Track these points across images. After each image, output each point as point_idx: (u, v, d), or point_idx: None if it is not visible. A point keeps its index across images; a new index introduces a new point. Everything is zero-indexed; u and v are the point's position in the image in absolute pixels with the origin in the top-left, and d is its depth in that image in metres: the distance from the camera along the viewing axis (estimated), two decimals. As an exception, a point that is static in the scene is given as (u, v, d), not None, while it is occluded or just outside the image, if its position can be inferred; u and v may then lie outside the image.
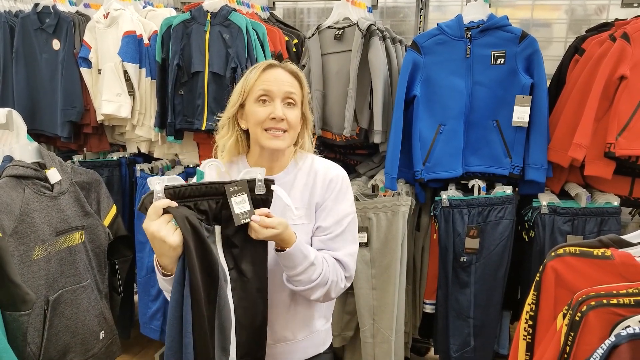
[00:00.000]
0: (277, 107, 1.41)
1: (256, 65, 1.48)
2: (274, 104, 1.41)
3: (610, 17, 2.61)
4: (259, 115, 1.42)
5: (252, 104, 1.44)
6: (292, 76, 1.46)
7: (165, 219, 1.19)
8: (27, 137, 1.76)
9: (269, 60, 1.50)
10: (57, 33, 2.70)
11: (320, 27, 2.47)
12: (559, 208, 2.16)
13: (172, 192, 1.22)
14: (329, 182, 1.49)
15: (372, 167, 2.73)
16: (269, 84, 1.42)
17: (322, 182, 1.49)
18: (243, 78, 1.47)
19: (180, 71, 2.45)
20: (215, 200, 1.27)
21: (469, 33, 2.25)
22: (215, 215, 1.29)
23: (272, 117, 1.40)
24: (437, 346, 2.49)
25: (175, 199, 1.22)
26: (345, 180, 1.52)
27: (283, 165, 1.51)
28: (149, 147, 2.84)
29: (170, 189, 1.22)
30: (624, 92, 2.03)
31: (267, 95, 1.42)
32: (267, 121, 1.41)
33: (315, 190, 1.48)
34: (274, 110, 1.40)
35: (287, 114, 1.42)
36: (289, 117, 1.43)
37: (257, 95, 1.42)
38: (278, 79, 1.43)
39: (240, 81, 1.48)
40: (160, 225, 1.18)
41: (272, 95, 1.42)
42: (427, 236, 2.57)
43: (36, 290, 1.55)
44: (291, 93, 1.43)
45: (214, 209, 1.28)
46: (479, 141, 2.33)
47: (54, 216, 1.65)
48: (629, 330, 0.98)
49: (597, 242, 1.27)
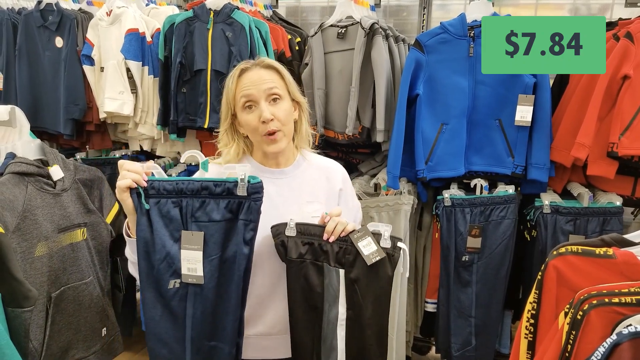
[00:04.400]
0: (263, 109, 1.40)
1: (231, 73, 1.46)
2: (259, 107, 1.41)
3: (614, 16, 2.61)
4: (251, 123, 1.42)
5: (240, 112, 1.44)
6: (269, 70, 1.45)
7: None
8: (29, 134, 1.77)
9: (241, 64, 1.47)
10: (60, 30, 2.70)
11: (323, 26, 2.47)
12: (561, 208, 2.16)
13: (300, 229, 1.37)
14: (342, 183, 1.58)
15: (375, 165, 2.73)
16: (248, 89, 1.41)
17: (334, 180, 1.56)
18: (225, 89, 1.47)
19: (183, 69, 2.45)
20: (338, 245, 1.38)
21: (472, 32, 2.24)
22: (339, 260, 1.38)
23: (262, 121, 1.40)
24: (438, 345, 2.49)
25: (301, 235, 1.37)
26: (349, 177, 1.64)
27: (289, 157, 1.53)
28: (152, 145, 2.84)
29: (301, 225, 1.38)
30: (627, 92, 2.03)
31: (250, 101, 1.42)
32: (260, 127, 1.41)
33: (328, 184, 1.55)
34: (261, 114, 1.40)
35: (275, 112, 1.41)
36: (278, 114, 1.42)
37: (242, 104, 1.43)
38: (255, 81, 1.42)
39: (224, 92, 1.47)
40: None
41: (255, 98, 1.41)
42: (429, 235, 2.57)
43: (38, 287, 1.55)
44: (272, 88, 1.42)
45: (337, 252, 1.37)
46: (482, 140, 2.32)
47: (56, 213, 1.65)
48: (631, 329, 0.98)
49: (600, 241, 1.27)
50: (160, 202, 1.28)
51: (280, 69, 1.47)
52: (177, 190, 1.28)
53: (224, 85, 1.48)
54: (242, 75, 1.44)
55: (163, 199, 1.28)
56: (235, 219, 1.30)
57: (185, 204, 1.29)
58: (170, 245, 1.29)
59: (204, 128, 2.45)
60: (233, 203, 1.29)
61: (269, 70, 1.45)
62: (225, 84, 1.47)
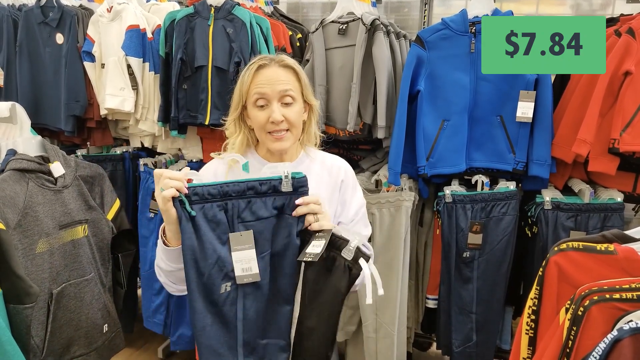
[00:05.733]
0: (274, 110, 1.40)
1: (249, 65, 1.45)
2: (271, 107, 1.41)
3: (616, 12, 2.60)
4: (259, 119, 1.42)
5: (251, 107, 1.44)
6: (286, 70, 1.44)
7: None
8: (30, 131, 1.77)
9: (260, 58, 1.45)
10: (61, 27, 2.69)
11: (324, 22, 2.46)
12: (562, 204, 2.16)
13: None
14: (344, 175, 1.57)
15: (376, 162, 2.72)
16: (262, 86, 1.41)
17: (336, 174, 1.56)
18: (239, 80, 1.46)
19: (184, 65, 2.45)
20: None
21: (474, 28, 2.23)
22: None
23: (271, 121, 1.40)
24: (439, 341, 2.50)
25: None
26: (353, 172, 1.64)
27: (293, 154, 1.54)
28: (153, 142, 2.84)
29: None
30: (628, 88, 2.02)
31: (263, 99, 1.41)
32: (267, 125, 1.41)
33: (331, 180, 1.54)
34: (271, 114, 1.40)
35: (286, 114, 1.41)
36: (289, 116, 1.42)
37: (254, 100, 1.42)
38: (271, 79, 1.41)
39: (238, 82, 1.47)
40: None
41: (268, 97, 1.41)
42: (430, 231, 2.57)
43: (40, 284, 1.56)
44: (287, 91, 1.41)
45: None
46: (483, 137, 2.32)
47: (57, 210, 1.66)
48: (632, 325, 0.98)
49: (601, 237, 1.27)
50: (204, 207, 1.26)
51: (298, 70, 1.47)
52: (222, 194, 1.26)
53: (239, 76, 1.48)
54: (259, 71, 1.42)
55: (207, 204, 1.26)
56: (280, 214, 1.30)
57: (231, 206, 1.27)
58: (220, 248, 1.27)
59: (204, 124, 2.45)
60: (278, 200, 1.29)
61: (286, 70, 1.44)
62: (241, 75, 1.46)
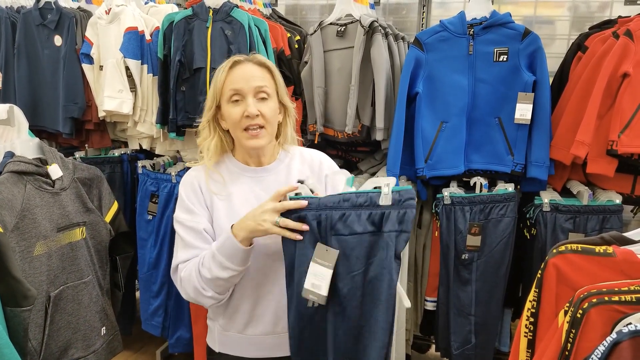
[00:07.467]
0: (249, 104, 1.39)
1: (223, 64, 1.45)
2: (246, 102, 1.40)
3: (614, 14, 2.60)
4: (234, 116, 1.41)
5: (225, 105, 1.43)
6: (261, 68, 1.44)
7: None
8: (28, 133, 1.76)
9: (234, 57, 1.46)
10: (59, 29, 2.69)
11: (322, 24, 2.46)
12: (561, 206, 2.16)
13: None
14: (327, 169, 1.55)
15: (374, 164, 2.72)
16: (237, 82, 1.40)
17: (319, 169, 1.54)
18: (213, 79, 1.46)
19: (182, 67, 2.45)
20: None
21: (472, 30, 2.24)
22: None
23: (246, 115, 1.39)
24: (438, 343, 2.49)
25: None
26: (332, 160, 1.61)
27: (272, 156, 1.52)
28: (151, 144, 2.84)
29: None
30: (626, 90, 2.02)
31: (238, 94, 1.41)
32: (242, 120, 1.40)
33: (314, 175, 1.52)
34: (246, 108, 1.39)
35: (261, 109, 1.40)
36: (264, 112, 1.41)
37: (229, 96, 1.41)
38: (246, 75, 1.41)
39: (212, 83, 1.46)
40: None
41: (243, 92, 1.40)
42: (429, 233, 2.57)
43: (37, 286, 1.55)
44: (262, 87, 1.41)
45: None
46: (481, 138, 2.32)
47: (55, 212, 1.65)
48: (631, 327, 0.97)
49: (599, 240, 1.27)
50: (300, 216, 1.27)
51: (273, 69, 1.46)
52: (318, 205, 1.26)
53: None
54: (233, 68, 1.42)
55: (303, 213, 1.26)
56: (378, 231, 1.22)
57: (325, 217, 1.25)
58: (310, 257, 1.26)
59: (203, 127, 2.44)
60: (375, 214, 1.22)
61: (261, 68, 1.44)
62: (215, 74, 1.45)
